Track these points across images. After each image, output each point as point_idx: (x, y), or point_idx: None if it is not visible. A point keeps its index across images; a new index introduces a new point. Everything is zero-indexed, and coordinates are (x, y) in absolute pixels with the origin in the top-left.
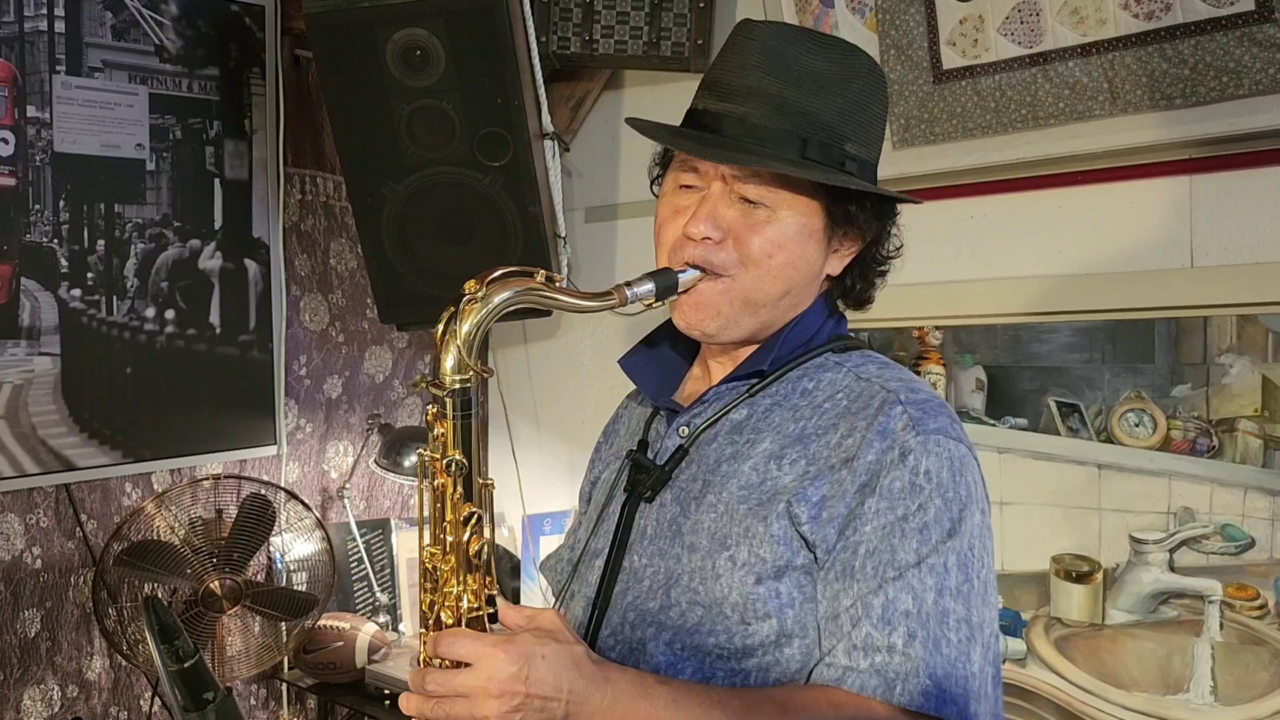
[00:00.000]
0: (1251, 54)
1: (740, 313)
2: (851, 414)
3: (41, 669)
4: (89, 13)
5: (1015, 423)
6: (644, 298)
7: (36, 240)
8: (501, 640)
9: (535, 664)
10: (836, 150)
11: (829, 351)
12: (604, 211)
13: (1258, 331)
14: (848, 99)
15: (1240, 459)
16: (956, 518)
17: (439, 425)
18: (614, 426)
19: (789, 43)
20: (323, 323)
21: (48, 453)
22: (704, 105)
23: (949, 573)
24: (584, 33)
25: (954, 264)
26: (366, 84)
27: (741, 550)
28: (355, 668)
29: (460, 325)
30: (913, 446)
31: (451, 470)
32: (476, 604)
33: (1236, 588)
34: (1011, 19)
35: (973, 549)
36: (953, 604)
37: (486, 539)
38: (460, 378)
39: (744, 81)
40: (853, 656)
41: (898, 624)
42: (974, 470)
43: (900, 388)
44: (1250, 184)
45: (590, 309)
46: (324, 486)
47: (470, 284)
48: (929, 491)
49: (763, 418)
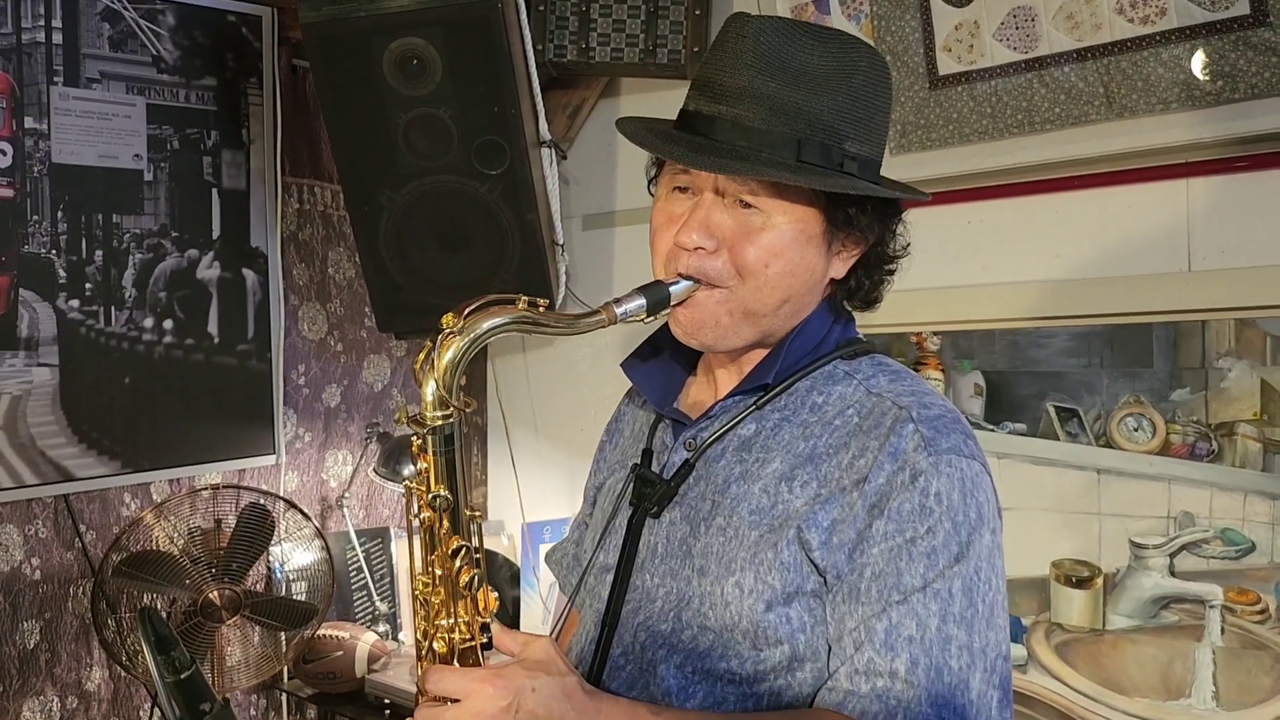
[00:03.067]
0: (1247, 58)
1: (739, 323)
2: (863, 432)
3: (41, 680)
4: (86, 24)
5: (1014, 428)
6: (634, 315)
7: (34, 251)
8: (490, 674)
9: (526, 697)
10: (835, 151)
11: (838, 359)
12: (601, 219)
13: (1256, 335)
14: (847, 95)
15: (1240, 463)
16: (965, 541)
17: (422, 459)
18: (617, 425)
19: (784, 38)
20: (321, 332)
21: (46, 463)
22: (696, 107)
23: (954, 598)
24: (580, 40)
25: (952, 269)
26: (363, 93)
27: (749, 576)
28: (355, 677)
29: (440, 359)
30: (924, 468)
31: (437, 506)
32: (469, 634)
33: (1237, 592)
34: (1007, 24)
35: (979, 572)
36: (956, 630)
37: (478, 571)
38: (441, 414)
39: (737, 81)
40: (854, 681)
41: (900, 650)
42: (986, 489)
43: (912, 403)
44: (1247, 187)
45: (578, 330)
46: (323, 496)
47: (448, 318)
48: (939, 515)
49: (771, 434)
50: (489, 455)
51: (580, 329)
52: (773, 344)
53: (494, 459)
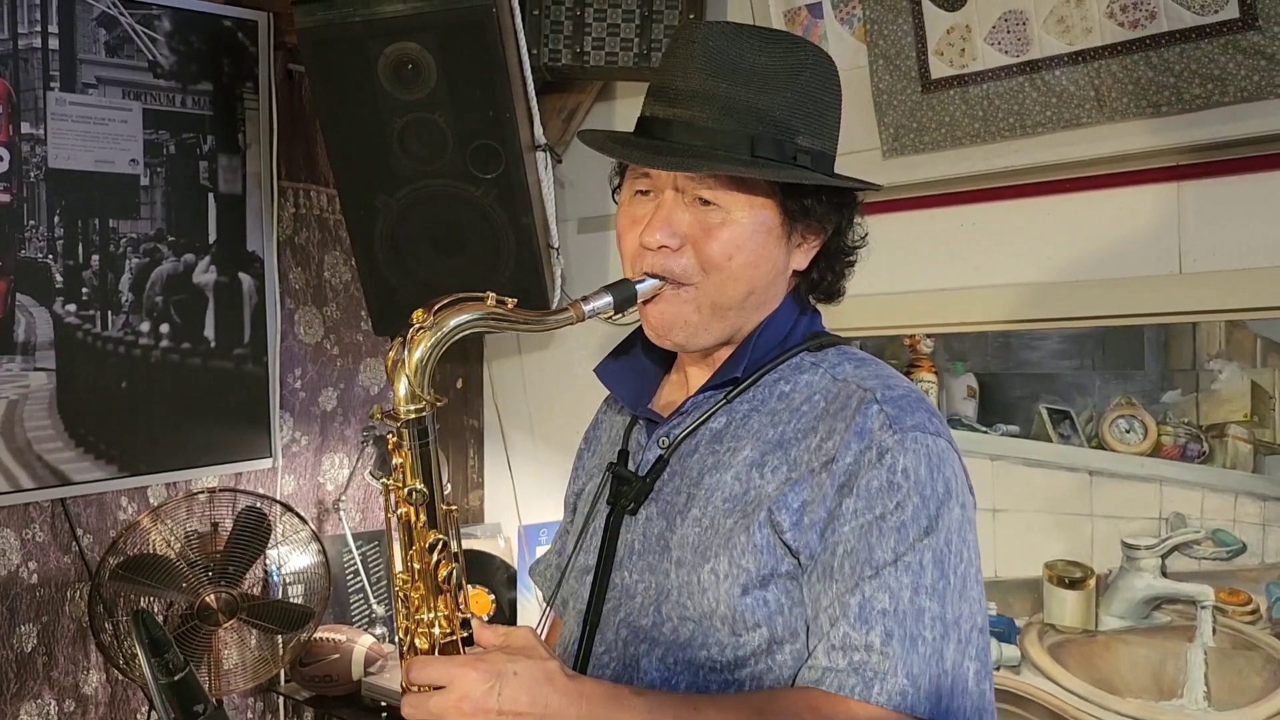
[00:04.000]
0: (1236, 61)
1: (708, 319)
2: (830, 415)
3: (38, 684)
4: (83, 29)
5: (1007, 430)
6: (602, 311)
7: (31, 256)
8: (472, 660)
9: (507, 681)
10: (788, 145)
11: (804, 351)
12: (597, 222)
13: (1246, 337)
14: (796, 92)
15: (1230, 464)
16: (934, 514)
17: (397, 455)
18: (594, 433)
19: (731, 41)
20: (317, 335)
21: (43, 467)
22: (652, 112)
23: (925, 570)
24: (575, 45)
25: (944, 272)
26: (359, 97)
27: (723, 561)
28: (352, 680)
29: (410, 354)
30: (890, 445)
31: (413, 499)
32: (449, 629)
33: (1229, 593)
34: (999, 28)
35: (949, 544)
36: (928, 602)
37: (457, 565)
38: (414, 408)
39: (689, 85)
40: (831, 656)
41: (875, 623)
42: (953, 463)
43: (876, 385)
44: (1237, 190)
45: (547, 327)
46: (319, 499)
47: (418, 313)
48: (906, 490)
49: (741, 424)
50: (485, 458)
51: (549, 325)
52: (740, 340)
53: (490, 462)
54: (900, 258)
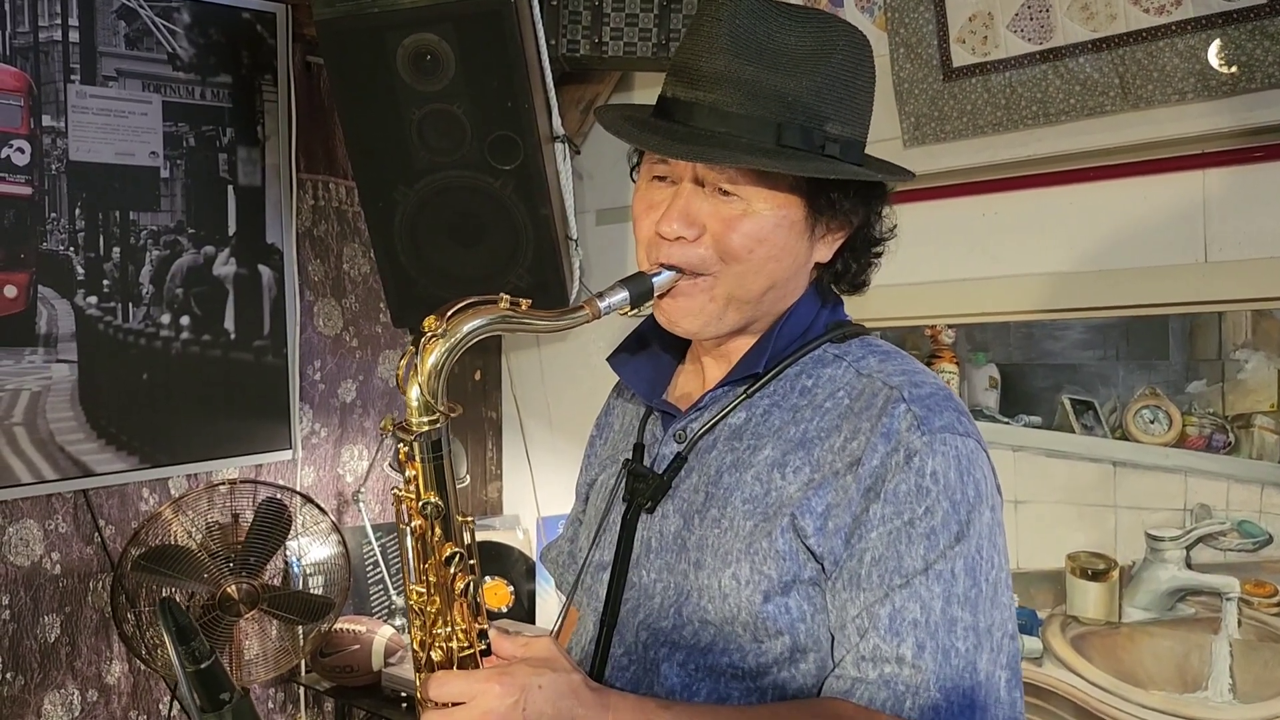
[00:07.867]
0: (1264, 47)
1: (723, 309)
2: (854, 414)
3: (61, 674)
4: (103, 22)
5: (1029, 421)
6: (618, 307)
7: (52, 248)
8: (495, 673)
9: (532, 695)
10: (816, 133)
11: (827, 342)
12: (615, 214)
13: (1273, 326)
14: (827, 75)
15: (1257, 455)
16: (965, 520)
17: (410, 466)
18: (606, 419)
19: (760, 19)
20: (336, 327)
21: (66, 459)
22: (673, 93)
23: (956, 579)
24: (593, 35)
25: (966, 262)
26: (377, 89)
27: (745, 567)
28: (372, 670)
29: (423, 363)
30: (918, 447)
31: (428, 513)
32: (467, 642)
33: (1254, 584)
34: (1021, 15)
35: (980, 551)
36: (960, 612)
37: (473, 578)
38: (428, 419)
39: (713, 66)
40: (861, 668)
41: (906, 634)
42: (983, 465)
43: (903, 383)
44: (1264, 178)
45: (562, 327)
46: (339, 490)
47: (430, 320)
48: (936, 494)
49: (762, 421)
50: (504, 449)
51: (564, 325)
52: (758, 331)
53: (509, 453)
54: (922, 248)
